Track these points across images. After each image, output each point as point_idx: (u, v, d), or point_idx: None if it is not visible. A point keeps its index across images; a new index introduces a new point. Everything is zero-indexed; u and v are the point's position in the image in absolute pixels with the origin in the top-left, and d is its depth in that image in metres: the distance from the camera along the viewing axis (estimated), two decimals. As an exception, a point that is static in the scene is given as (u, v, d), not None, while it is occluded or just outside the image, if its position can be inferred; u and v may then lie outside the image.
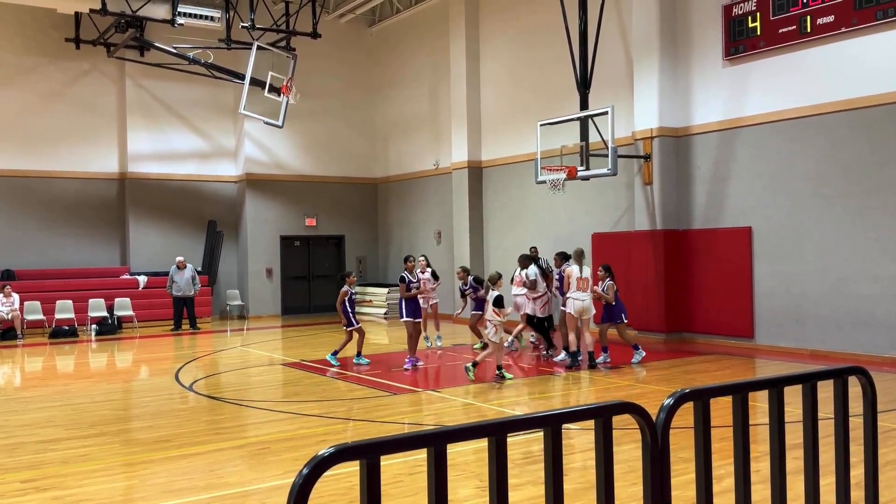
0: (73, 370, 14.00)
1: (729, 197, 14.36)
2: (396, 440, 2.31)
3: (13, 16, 19.88)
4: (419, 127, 22.42)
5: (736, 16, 14.00)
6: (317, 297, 23.74)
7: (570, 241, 17.13)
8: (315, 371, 12.15)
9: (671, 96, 15.02)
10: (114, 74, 21.41)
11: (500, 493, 2.48)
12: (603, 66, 15.40)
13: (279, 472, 6.52)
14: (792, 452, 3.47)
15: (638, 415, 2.82)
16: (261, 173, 22.47)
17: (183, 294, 18.90)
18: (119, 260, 21.60)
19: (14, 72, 20.14)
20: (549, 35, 17.24)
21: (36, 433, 8.22)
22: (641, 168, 15.21)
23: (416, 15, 22.34)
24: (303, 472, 2.10)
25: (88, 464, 6.93)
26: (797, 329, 13.27)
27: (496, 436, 2.49)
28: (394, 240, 23.74)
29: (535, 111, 17.40)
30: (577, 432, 7.21)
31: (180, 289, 18.84)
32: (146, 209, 21.54)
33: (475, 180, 19.90)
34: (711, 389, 3.14)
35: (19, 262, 19.97)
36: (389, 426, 8.23)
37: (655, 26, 15.00)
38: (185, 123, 22.18)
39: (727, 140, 14.35)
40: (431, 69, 21.82)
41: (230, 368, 12.93)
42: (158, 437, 7.95)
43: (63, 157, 20.73)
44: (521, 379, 11.25)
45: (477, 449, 6.59)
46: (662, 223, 14.98)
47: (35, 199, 20.41)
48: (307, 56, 21.33)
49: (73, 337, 17.97)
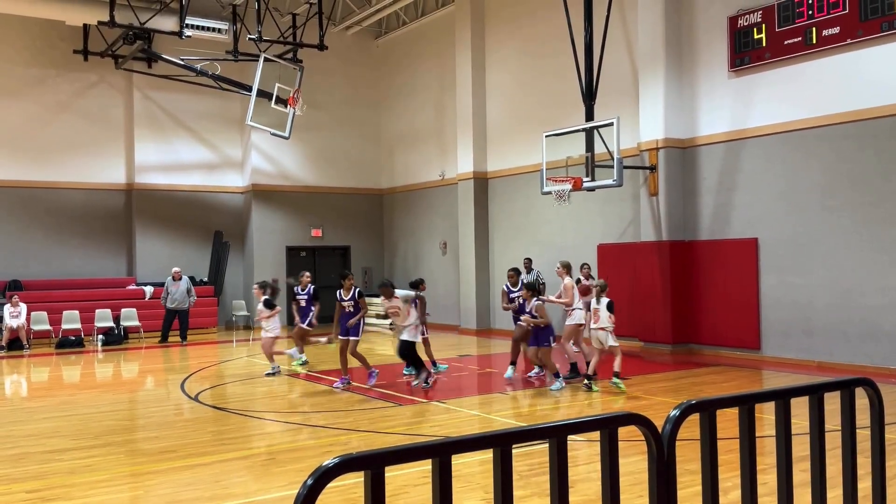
0: (79, 380, 14.01)
1: (735, 208, 14.34)
2: (401, 451, 2.31)
3: (22, 28, 20.03)
4: (425, 138, 22.47)
5: (741, 27, 14.02)
6: (322, 308, 23.66)
7: (575, 251, 17.13)
8: (320, 381, 12.14)
9: (677, 107, 15.03)
10: (121, 86, 21.53)
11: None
12: (608, 77, 15.42)
13: (284, 482, 6.51)
14: (799, 465, 3.45)
15: (644, 426, 2.81)
16: (267, 184, 22.53)
17: (177, 306, 18.78)
18: (125, 270, 21.65)
19: (23, 83, 20.27)
20: (554, 46, 17.29)
21: (42, 443, 8.23)
22: (647, 179, 15.20)
23: (422, 27, 22.43)
24: (307, 483, 2.10)
25: (94, 474, 6.93)
26: (804, 340, 13.22)
27: (501, 447, 2.49)
28: (399, 250, 23.75)
29: (540, 122, 17.43)
30: (582, 444, 7.18)
31: (175, 300, 18.76)
32: (153, 220, 21.61)
33: (481, 191, 19.92)
34: (718, 401, 3.13)
35: (27, 272, 20.03)
36: (395, 437, 8.21)
37: (661, 38, 15.02)
38: (192, 135, 22.28)
39: (733, 151, 14.34)
40: (437, 80, 21.89)
41: (236, 379, 12.92)
42: (164, 448, 7.95)
43: (71, 167, 20.83)
44: (528, 390, 11.22)
45: (482, 460, 6.57)
46: (668, 234, 14.97)
47: (43, 209, 20.50)
48: (314, 68, 21.43)
49: (80, 347, 17.99)
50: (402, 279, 23.40)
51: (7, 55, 20.05)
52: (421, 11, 22.44)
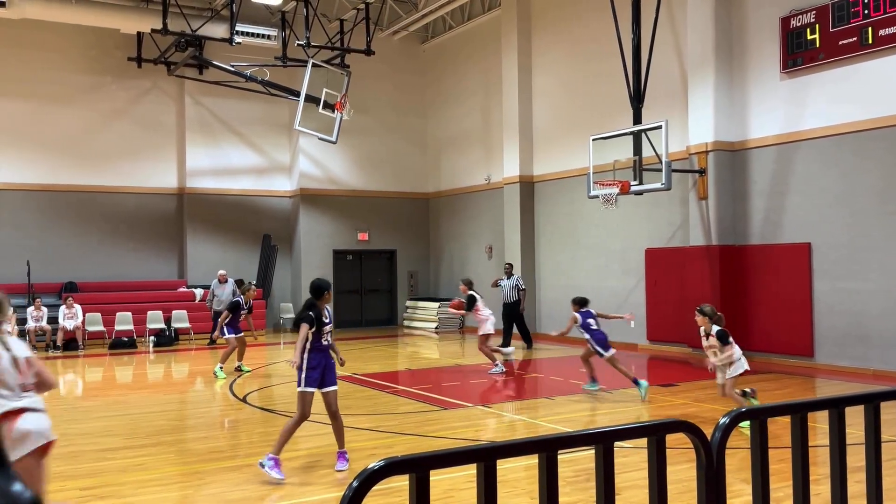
0: (131, 381, 14.32)
1: (787, 212, 14.04)
2: (446, 454, 2.31)
3: (79, 36, 20.58)
4: (471, 142, 22.49)
5: (794, 28, 13.74)
6: (368, 311, 23.91)
7: (622, 256, 16.99)
8: (366, 384, 12.21)
9: (727, 110, 14.79)
10: (173, 92, 21.99)
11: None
12: (656, 79, 15.25)
13: (330, 484, 6.56)
14: (853, 475, 3.36)
15: (692, 434, 2.77)
16: (315, 188, 22.78)
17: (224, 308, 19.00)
18: (177, 273, 22.08)
19: (79, 90, 20.82)
20: (601, 49, 17.16)
21: (95, 442, 8.42)
22: (696, 183, 14.99)
23: (469, 31, 22.46)
24: (353, 485, 2.11)
25: (145, 473, 7.07)
26: (859, 348, 12.87)
27: (547, 452, 2.47)
28: (445, 255, 23.79)
29: (587, 125, 17.30)
30: (630, 450, 7.09)
31: (221, 302, 19.02)
32: (203, 223, 22.01)
33: (527, 195, 19.85)
34: (769, 409, 3.07)
35: (82, 274, 20.56)
36: (440, 441, 8.22)
37: (710, 39, 14.81)
38: (242, 139, 22.64)
39: (785, 154, 14.05)
40: (483, 84, 21.89)
41: (283, 381, 13.07)
42: (213, 448, 8.07)
43: (125, 172, 21.33)
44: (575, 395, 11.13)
45: (528, 465, 6.54)
46: (718, 238, 14.73)
47: (98, 213, 21.03)
48: (361, 72, 21.61)
49: (132, 348, 18.39)
50: (447, 283, 23.44)
51: (65, 64, 20.62)
52: (467, 16, 22.47)
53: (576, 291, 18.13)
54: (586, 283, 17.90)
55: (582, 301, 11.13)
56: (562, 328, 11.35)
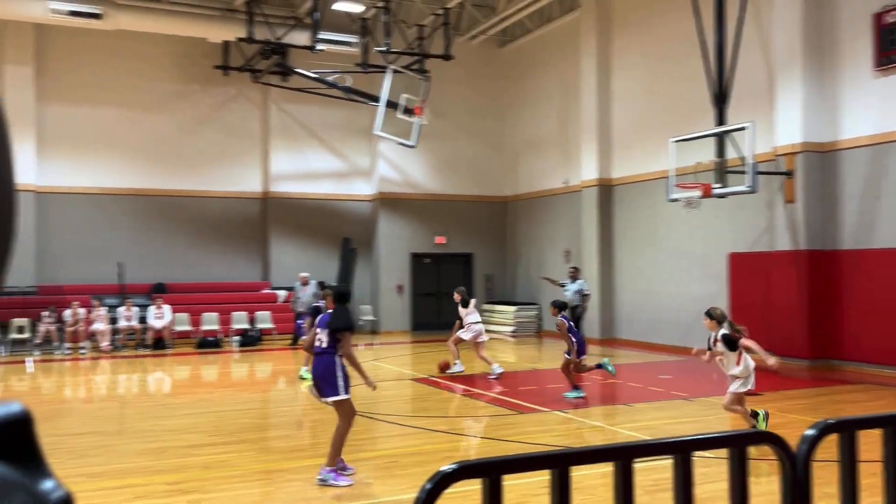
0: (216, 379, 14.75)
1: (881, 215, 13.44)
2: (519, 460, 2.29)
3: (169, 46, 21.35)
4: (549, 145, 22.34)
5: (887, 24, 13.16)
6: (446, 314, 23.94)
7: (704, 260, 16.56)
8: (443, 387, 12.26)
9: (816, 110, 14.26)
10: (258, 99, 22.58)
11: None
12: (740, 79, 14.82)
13: (406, 485, 6.61)
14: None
15: (776, 445, 2.67)
16: (393, 192, 23.03)
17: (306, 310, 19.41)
18: (260, 275, 22.64)
19: (169, 98, 21.60)
20: (682, 50, 16.79)
21: (181, 438, 8.70)
22: (783, 185, 14.49)
23: (547, 34, 22.33)
24: (426, 487, 2.12)
25: (228, 469, 7.26)
26: (960, 359, 12.21)
27: (622, 460, 2.43)
28: (522, 258, 23.69)
29: (667, 127, 16.95)
30: (711, 461, 6.90)
31: (303, 304, 19.40)
32: (286, 227, 22.52)
33: (605, 198, 19.58)
34: (859, 421, 2.94)
35: (171, 275, 21.29)
36: (515, 445, 8.18)
37: (799, 37, 14.31)
38: (323, 145, 23.08)
39: (880, 155, 13.45)
40: (561, 87, 21.72)
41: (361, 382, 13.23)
42: (294, 447, 8.24)
43: (211, 177, 22.02)
44: (653, 402, 10.92)
45: (604, 473, 6.44)
46: (807, 243, 14.20)
47: (185, 217, 21.75)
48: (439, 77, 21.74)
49: (217, 348, 18.95)
50: (524, 287, 23.34)
51: (155, 73, 21.42)
52: (546, 18, 22.35)
53: (655, 296, 17.94)
54: (666, 288, 17.55)
55: (562, 305, 11.15)
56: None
